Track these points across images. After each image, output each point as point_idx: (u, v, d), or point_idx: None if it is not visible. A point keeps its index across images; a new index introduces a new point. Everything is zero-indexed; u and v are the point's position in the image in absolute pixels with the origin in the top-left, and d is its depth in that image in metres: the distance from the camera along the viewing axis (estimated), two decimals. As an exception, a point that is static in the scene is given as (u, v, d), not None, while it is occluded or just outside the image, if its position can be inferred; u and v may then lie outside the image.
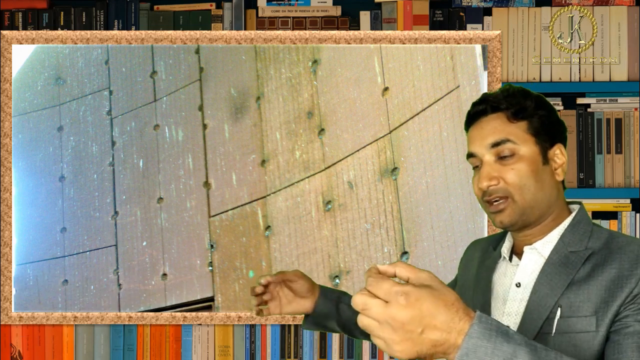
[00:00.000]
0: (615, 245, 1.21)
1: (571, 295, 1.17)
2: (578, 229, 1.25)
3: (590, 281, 1.17)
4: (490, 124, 1.26)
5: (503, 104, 1.26)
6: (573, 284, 1.19)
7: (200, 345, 2.34)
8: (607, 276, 1.17)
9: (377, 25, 2.34)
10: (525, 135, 1.24)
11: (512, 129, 1.24)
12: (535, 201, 1.23)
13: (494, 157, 1.25)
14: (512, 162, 1.23)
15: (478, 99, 1.31)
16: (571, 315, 1.16)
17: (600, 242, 1.22)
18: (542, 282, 1.21)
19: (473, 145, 1.28)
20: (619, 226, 2.29)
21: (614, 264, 1.17)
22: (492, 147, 1.24)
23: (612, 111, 2.32)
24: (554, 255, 1.23)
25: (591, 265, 1.19)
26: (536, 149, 1.25)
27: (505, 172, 1.23)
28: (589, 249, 1.22)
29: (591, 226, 1.26)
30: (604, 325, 1.14)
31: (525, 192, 1.23)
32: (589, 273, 1.19)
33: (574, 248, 1.23)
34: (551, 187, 1.26)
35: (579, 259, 1.21)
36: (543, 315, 1.18)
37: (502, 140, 1.24)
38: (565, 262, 1.21)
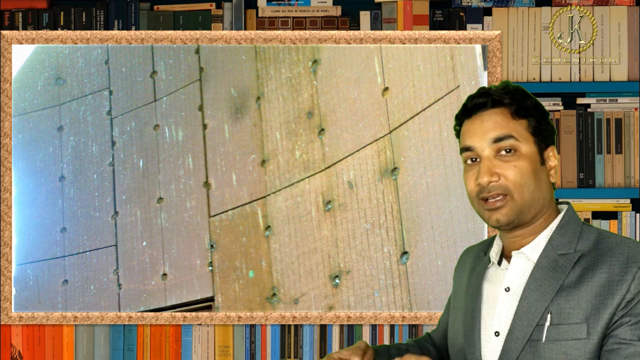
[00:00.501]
0: (604, 246, 1.19)
1: (561, 301, 1.16)
2: (567, 230, 1.23)
3: (580, 286, 1.16)
4: (493, 118, 1.23)
5: (506, 99, 1.24)
6: (563, 289, 1.17)
7: (200, 345, 2.34)
8: (597, 281, 1.15)
9: (377, 25, 2.34)
10: (526, 133, 1.23)
11: (514, 126, 1.22)
12: (532, 201, 1.22)
13: (494, 153, 1.22)
14: (514, 159, 1.21)
15: (477, 92, 1.28)
16: (561, 322, 1.15)
17: (589, 243, 1.20)
18: (531, 287, 1.19)
19: (471, 138, 1.25)
20: (619, 226, 2.29)
21: (603, 267, 1.16)
22: (494, 142, 1.22)
23: (612, 111, 2.32)
24: (543, 260, 1.21)
25: (581, 269, 1.18)
26: (535, 149, 1.24)
27: (506, 168, 1.21)
28: (578, 251, 1.20)
29: (580, 226, 1.24)
30: (595, 333, 1.13)
31: (524, 191, 1.21)
32: (578, 278, 1.17)
33: (562, 250, 1.21)
34: (547, 188, 1.25)
35: (568, 263, 1.19)
36: (533, 321, 1.17)
37: (505, 135, 1.22)
38: (554, 267, 1.19)
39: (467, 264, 1.39)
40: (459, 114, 1.30)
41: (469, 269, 1.36)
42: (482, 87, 1.30)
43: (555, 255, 1.21)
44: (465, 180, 1.27)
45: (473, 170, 1.25)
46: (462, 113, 1.30)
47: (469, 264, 1.38)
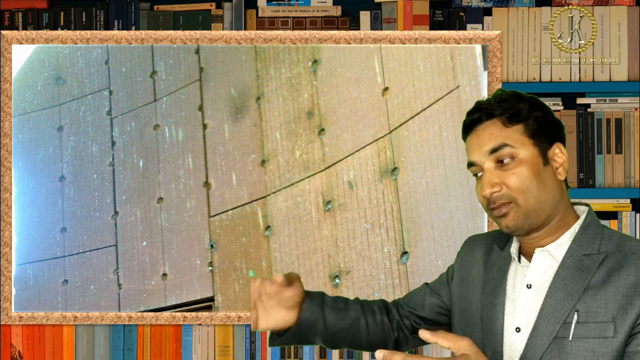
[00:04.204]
0: (628, 249, 1.22)
1: (588, 300, 1.18)
2: (589, 232, 1.25)
3: (607, 287, 1.18)
4: (487, 130, 1.26)
5: (497, 110, 1.26)
6: (589, 289, 1.19)
7: (200, 345, 2.34)
8: (623, 282, 1.18)
9: (377, 25, 2.34)
10: (523, 138, 1.24)
11: (508, 133, 1.24)
12: (539, 203, 1.23)
13: (494, 164, 1.24)
14: (513, 167, 1.23)
15: (472, 109, 1.30)
16: (588, 320, 1.17)
17: (612, 245, 1.23)
18: (557, 285, 1.21)
19: (472, 154, 1.28)
20: (619, 226, 2.29)
21: (629, 269, 1.19)
22: (491, 154, 1.24)
23: (612, 111, 2.32)
24: (568, 259, 1.23)
25: (606, 270, 1.20)
26: (535, 151, 1.24)
27: (506, 177, 1.23)
28: (602, 252, 1.22)
29: (602, 228, 1.27)
30: (622, 331, 1.16)
31: (528, 195, 1.22)
32: (604, 278, 1.19)
33: (587, 251, 1.23)
34: (554, 188, 1.25)
35: (593, 263, 1.21)
36: (560, 319, 1.19)
37: (499, 145, 1.23)
38: (579, 266, 1.21)
39: (476, 254, 1.39)
40: (462, 133, 1.34)
41: (481, 261, 1.37)
42: (477, 102, 1.32)
43: (580, 255, 1.23)
44: (476, 193, 1.30)
45: (480, 183, 1.28)
46: (463, 131, 1.33)
47: (481, 256, 1.38)
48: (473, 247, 1.43)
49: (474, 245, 1.43)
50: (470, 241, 1.46)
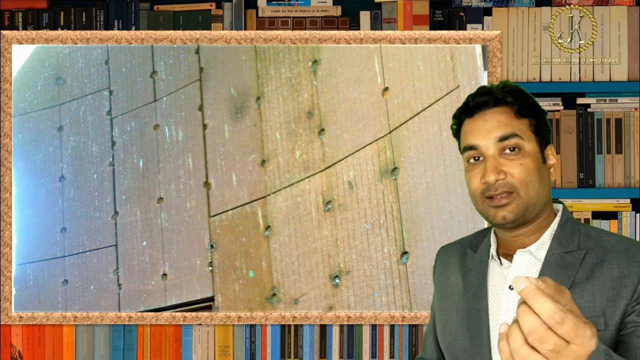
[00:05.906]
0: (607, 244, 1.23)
1: (575, 297, 1.18)
2: (567, 229, 1.26)
3: (593, 282, 1.19)
4: (496, 116, 1.24)
5: (509, 97, 1.25)
6: (575, 286, 1.19)
7: (200, 345, 2.34)
8: (608, 275, 1.18)
9: (377, 25, 2.34)
10: (529, 132, 1.25)
11: (518, 124, 1.24)
12: (537, 198, 1.24)
13: (498, 151, 1.23)
14: (519, 158, 1.22)
15: (478, 91, 1.28)
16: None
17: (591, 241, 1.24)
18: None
19: (475, 137, 1.25)
20: (619, 226, 2.29)
21: (612, 263, 1.19)
22: (500, 141, 1.23)
23: (612, 111, 2.32)
24: (551, 258, 1.23)
25: (589, 266, 1.20)
26: (537, 147, 1.25)
27: (512, 166, 1.22)
28: (582, 249, 1.22)
29: (577, 225, 1.27)
30: (613, 323, 1.16)
31: (530, 188, 1.22)
32: (589, 274, 1.19)
33: (568, 249, 1.23)
34: (548, 186, 1.27)
35: (576, 260, 1.21)
36: None
37: (510, 134, 1.23)
38: (562, 264, 1.21)
39: (451, 263, 1.39)
40: (459, 113, 1.31)
41: (457, 268, 1.36)
42: (483, 86, 1.31)
43: (561, 253, 1.23)
44: (469, 179, 1.27)
45: (477, 168, 1.25)
46: (462, 112, 1.30)
47: (455, 263, 1.37)
48: (446, 257, 1.42)
49: (446, 256, 1.42)
50: (442, 252, 1.45)
